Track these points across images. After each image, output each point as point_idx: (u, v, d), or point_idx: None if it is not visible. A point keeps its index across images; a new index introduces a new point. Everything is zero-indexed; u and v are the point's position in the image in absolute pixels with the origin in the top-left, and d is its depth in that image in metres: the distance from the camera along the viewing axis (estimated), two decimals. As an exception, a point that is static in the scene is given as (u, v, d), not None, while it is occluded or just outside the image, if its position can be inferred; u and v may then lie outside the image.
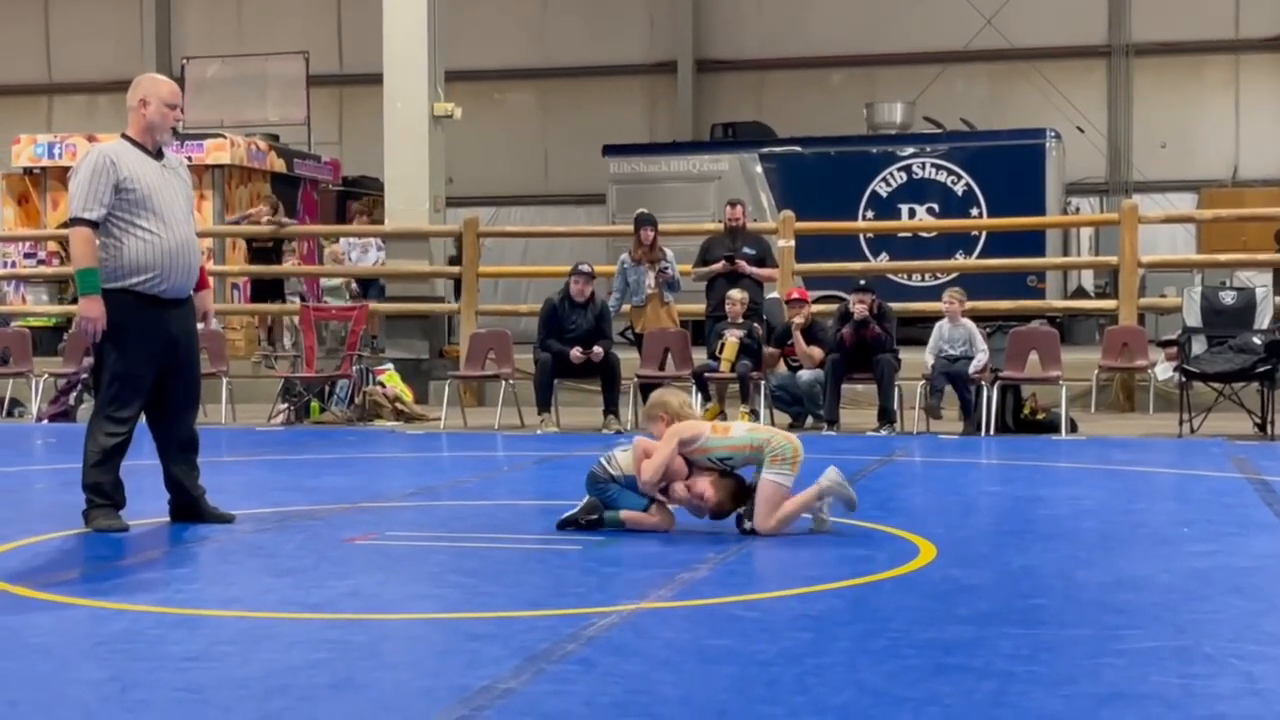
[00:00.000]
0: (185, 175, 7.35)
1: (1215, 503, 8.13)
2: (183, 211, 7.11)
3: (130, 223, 6.88)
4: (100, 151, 7.02)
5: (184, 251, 7.03)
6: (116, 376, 6.99)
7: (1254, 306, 12.70)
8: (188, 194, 7.24)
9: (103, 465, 7.00)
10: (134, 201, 6.88)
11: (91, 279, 6.85)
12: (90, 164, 6.93)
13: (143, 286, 6.93)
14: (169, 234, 6.96)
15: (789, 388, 13.27)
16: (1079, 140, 23.79)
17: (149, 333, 6.98)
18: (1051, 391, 13.01)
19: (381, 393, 14.54)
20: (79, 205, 6.88)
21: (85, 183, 6.86)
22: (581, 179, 25.40)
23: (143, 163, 6.98)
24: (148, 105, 7.02)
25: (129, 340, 6.95)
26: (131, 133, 7.08)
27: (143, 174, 6.94)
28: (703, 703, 3.97)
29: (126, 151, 7.00)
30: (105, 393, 7.03)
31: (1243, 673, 4.18)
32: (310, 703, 4.00)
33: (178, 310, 7.11)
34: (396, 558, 6.53)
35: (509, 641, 4.69)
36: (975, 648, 4.54)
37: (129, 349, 6.96)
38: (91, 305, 6.85)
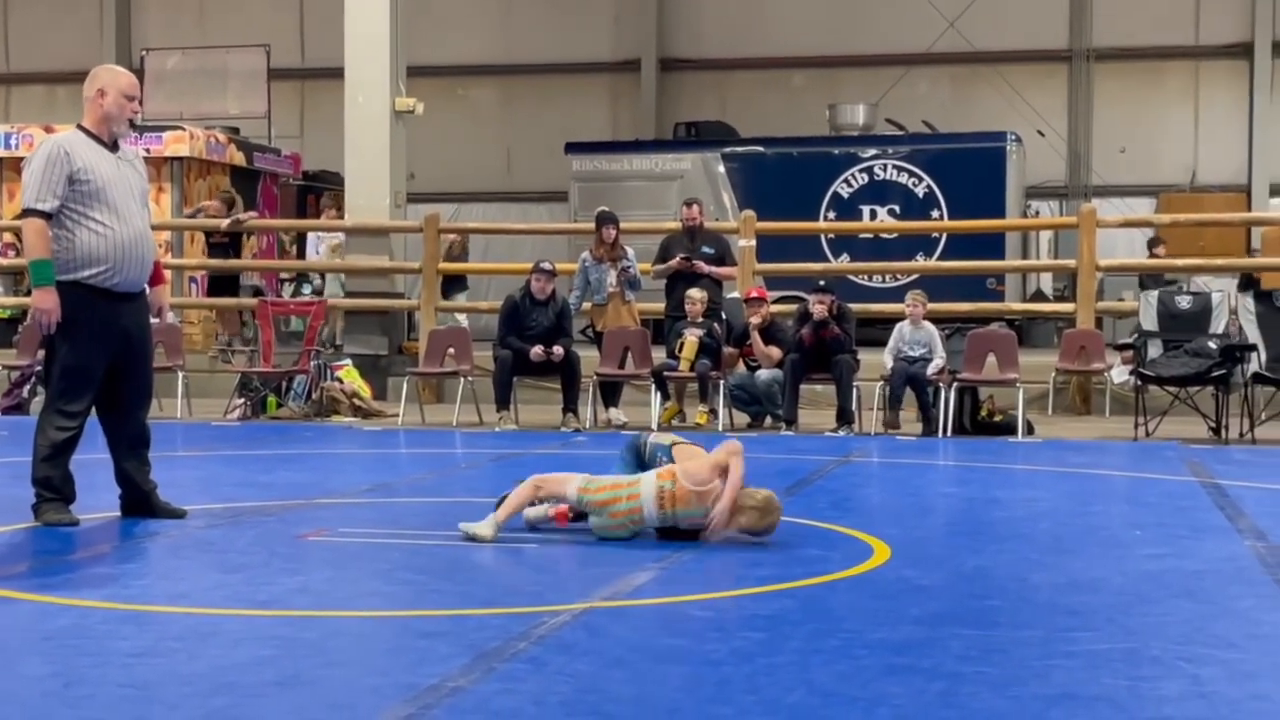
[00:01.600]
0: (140, 168, 7.27)
1: (1168, 506, 8.17)
2: (137, 205, 7.03)
3: (83, 215, 6.80)
4: (54, 142, 6.93)
5: (137, 245, 6.95)
6: (67, 370, 6.93)
7: (1210, 311, 12.77)
8: (143, 187, 7.16)
9: (52, 460, 6.94)
10: (87, 194, 6.80)
11: (45, 270, 6.77)
12: (44, 154, 6.84)
13: (95, 280, 6.84)
14: (122, 227, 6.88)
15: (748, 387, 13.27)
16: (1039, 144, 23.90)
17: (100, 327, 6.90)
18: (1009, 394, 13.06)
19: (339, 388, 14.47)
20: (32, 196, 6.78)
21: (38, 173, 6.78)
22: (544, 176, 25.35)
23: (97, 154, 6.90)
24: (105, 96, 6.94)
25: (80, 334, 6.86)
26: (87, 123, 6.99)
27: (97, 165, 6.86)
28: (653, 702, 3.95)
29: (81, 142, 6.91)
30: (55, 386, 6.96)
31: (1190, 675, 4.20)
32: (257, 700, 3.96)
33: (131, 304, 7.04)
34: (349, 554, 6.49)
35: (459, 640, 4.67)
36: (926, 648, 4.54)
37: (80, 343, 6.88)
38: (46, 297, 6.77)
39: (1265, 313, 12.52)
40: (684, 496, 6.45)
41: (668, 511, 6.48)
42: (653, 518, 6.49)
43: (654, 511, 6.48)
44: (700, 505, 6.44)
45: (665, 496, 6.47)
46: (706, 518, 6.41)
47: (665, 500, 6.47)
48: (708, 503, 6.42)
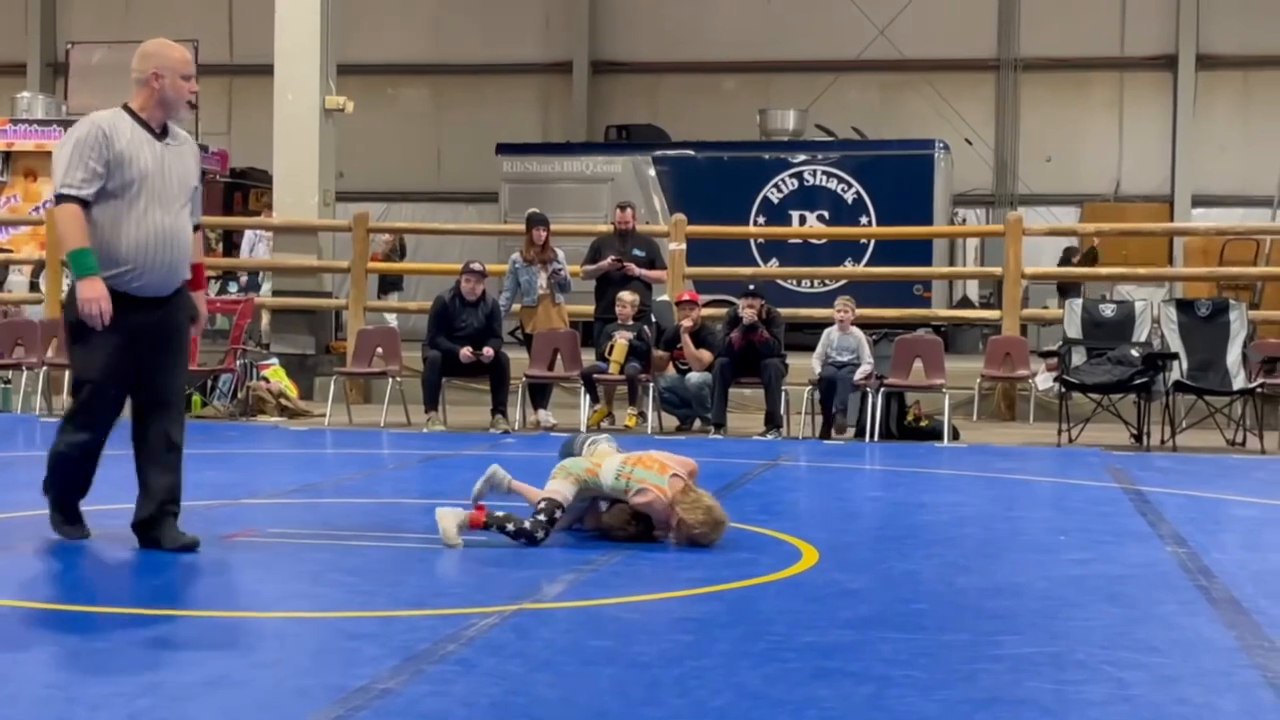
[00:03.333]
0: (192, 157, 6.39)
1: (1091, 511, 8.27)
2: (177, 199, 6.19)
3: (110, 208, 6.02)
4: (93, 123, 6.08)
5: (167, 245, 6.10)
6: (82, 383, 6.25)
7: (1133, 320, 12.94)
8: (191, 181, 6.30)
9: (59, 474, 6.37)
10: (121, 185, 6.00)
11: (87, 259, 5.95)
12: (79, 136, 6.03)
13: (114, 282, 6.02)
14: (153, 224, 6.06)
15: (677, 390, 13.29)
16: (967, 152, 24.12)
17: (119, 336, 6.05)
18: (935, 399, 13.17)
19: (265, 388, 14.35)
20: (64, 180, 5.98)
21: (71, 155, 6.00)
22: (474, 177, 25.26)
23: (141, 140, 6.08)
24: (162, 79, 6.12)
25: (94, 344, 6.08)
26: (136, 105, 6.16)
27: (138, 154, 6.04)
28: (582, 704, 3.95)
29: (125, 125, 6.09)
30: (74, 398, 6.33)
31: (1114, 679, 4.25)
32: (181, 702, 3.92)
33: (157, 310, 6.16)
34: (275, 555, 6.44)
35: (388, 641, 4.65)
36: (854, 651, 4.57)
37: (94, 353, 6.13)
38: (92, 285, 5.94)
39: (1187, 322, 12.71)
40: (647, 461, 6.63)
41: (626, 468, 6.59)
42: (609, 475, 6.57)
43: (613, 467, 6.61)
44: (659, 474, 6.53)
45: (629, 460, 6.65)
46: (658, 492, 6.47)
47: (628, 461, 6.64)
48: (665, 474, 6.51)
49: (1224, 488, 9.44)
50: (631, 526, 6.62)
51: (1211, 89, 24.98)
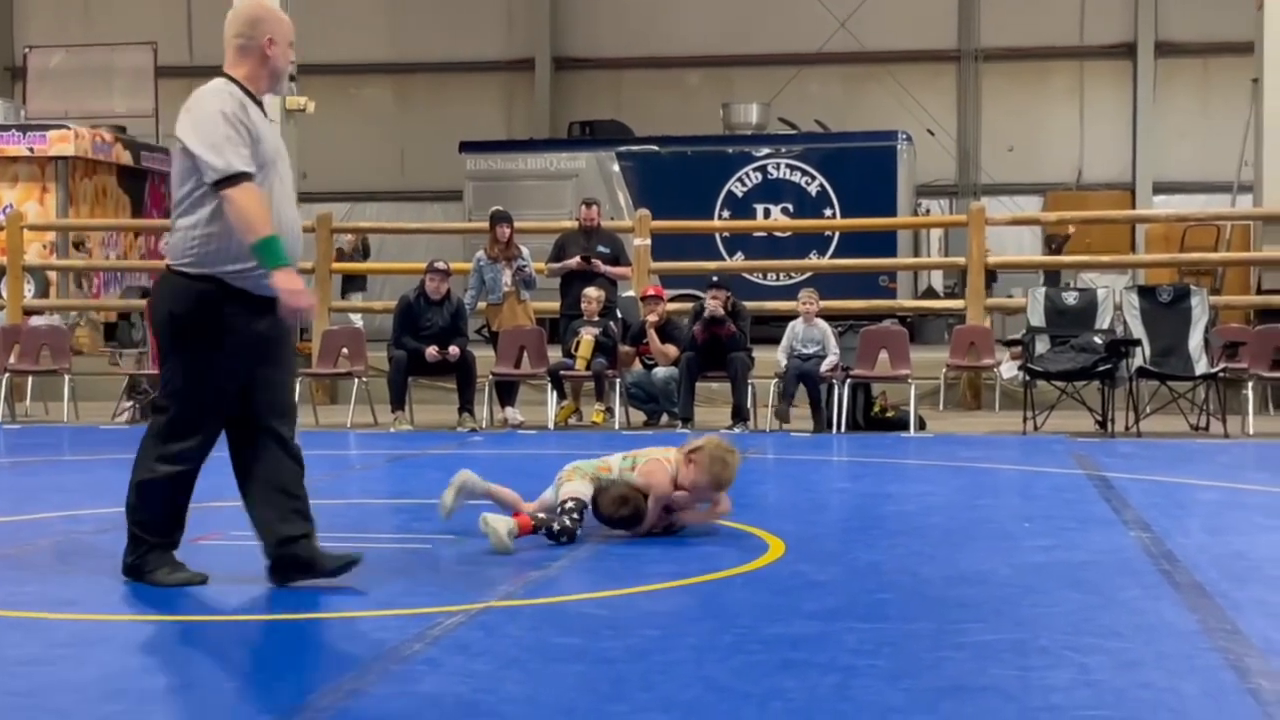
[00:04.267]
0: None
1: (1056, 498, 8.31)
2: (290, 184, 5.53)
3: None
4: (226, 93, 5.28)
5: (294, 236, 5.45)
6: (180, 394, 5.41)
7: (1095, 307, 13.01)
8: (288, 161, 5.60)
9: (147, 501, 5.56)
10: (256, 166, 5.23)
11: (281, 247, 5.18)
12: (221, 108, 5.21)
13: (236, 279, 5.26)
14: (281, 211, 5.32)
15: (644, 385, 13.30)
16: (929, 143, 24.22)
17: (233, 339, 5.32)
18: (901, 390, 13.21)
19: (231, 390, 14.28)
20: (226, 157, 5.11)
21: (224, 129, 5.15)
22: (438, 175, 25.23)
23: (259, 116, 5.35)
24: (274, 45, 5.42)
25: (204, 349, 5.32)
26: (240, 76, 5.38)
27: (265, 131, 5.33)
28: (549, 701, 3.96)
29: (246, 99, 5.34)
30: (168, 412, 5.46)
31: (1077, 664, 4.28)
32: (148, 706, 3.91)
33: (272, 313, 5.35)
34: (241, 558, 6.40)
35: (355, 641, 4.65)
36: (820, 643, 4.59)
37: (201, 360, 5.34)
38: (292, 278, 5.19)
39: (1149, 309, 12.78)
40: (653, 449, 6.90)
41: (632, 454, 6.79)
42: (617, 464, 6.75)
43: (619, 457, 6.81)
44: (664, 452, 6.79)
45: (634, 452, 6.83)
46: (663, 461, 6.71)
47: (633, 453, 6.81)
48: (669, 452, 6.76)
49: (1187, 472, 9.51)
50: (624, 508, 6.62)
51: (1171, 76, 25.17)
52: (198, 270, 5.26)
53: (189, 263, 5.28)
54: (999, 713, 3.81)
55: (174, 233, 5.37)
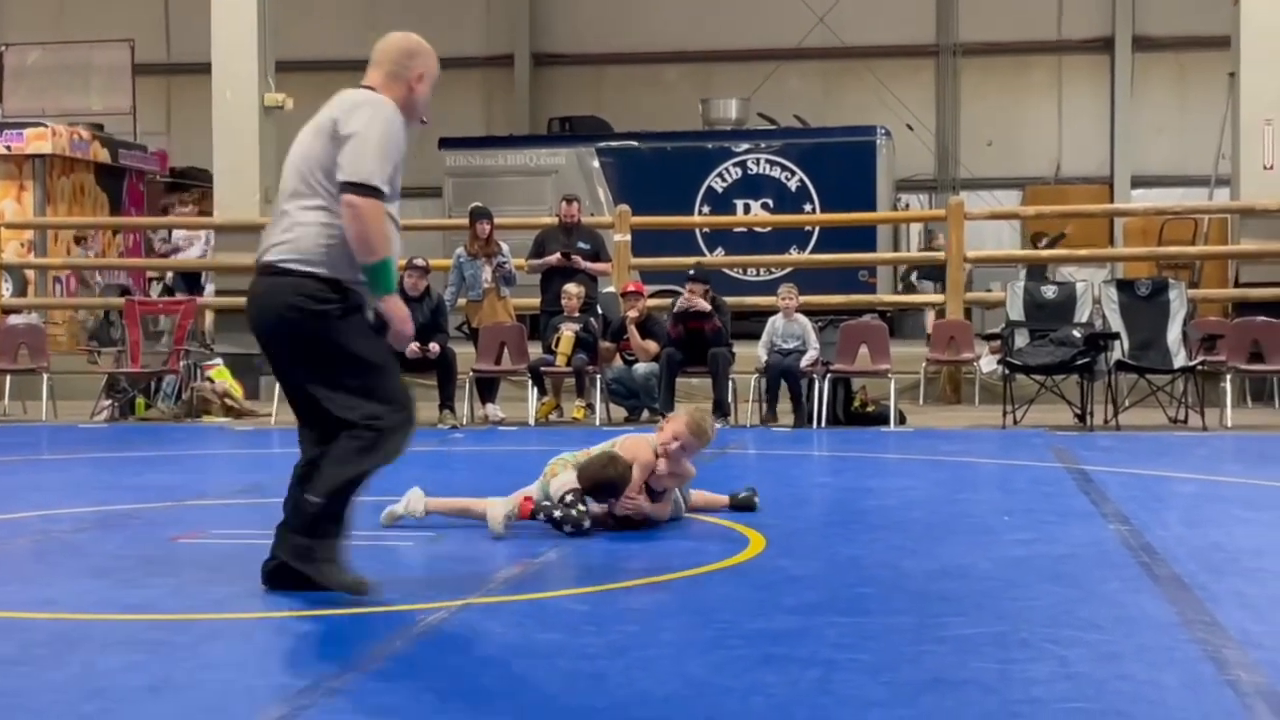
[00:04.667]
0: None
1: (1035, 492, 8.34)
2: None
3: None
4: (395, 110, 5.27)
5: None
6: (381, 398, 5.17)
7: (1074, 301, 13.05)
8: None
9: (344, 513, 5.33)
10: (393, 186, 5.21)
11: (392, 272, 5.13)
12: (389, 119, 5.17)
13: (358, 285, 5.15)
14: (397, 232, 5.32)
15: (625, 381, 13.30)
16: (908, 138, 24.25)
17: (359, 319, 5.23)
18: (881, 384, 13.23)
19: (210, 388, 14.26)
20: (371, 169, 5.00)
21: (383, 144, 5.09)
22: (417, 172, 24.95)
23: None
24: (422, 82, 5.41)
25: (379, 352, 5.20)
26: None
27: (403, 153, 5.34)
28: (529, 697, 3.96)
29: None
30: (372, 422, 5.13)
31: (1057, 657, 4.29)
32: (128, 706, 3.90)
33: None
34: (222, 556, 6.40)
35: (335, 639, 4.65)
36: (801, 637, 4.60)
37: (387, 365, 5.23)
38: (400, 303, 5.20)
39: (1128, 302, 12.82)
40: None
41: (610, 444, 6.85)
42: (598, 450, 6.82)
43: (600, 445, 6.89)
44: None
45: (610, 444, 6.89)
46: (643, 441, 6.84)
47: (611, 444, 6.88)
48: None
49: (1166, 465, 9.54)
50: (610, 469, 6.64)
51: (1148, 71, 25.24)
52: (326, 274, 5.03)
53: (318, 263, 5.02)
54: (980, 706, 3.82)
55: (296, 226, 5.12)
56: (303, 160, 5.19)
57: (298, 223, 5.14)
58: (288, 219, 5.17)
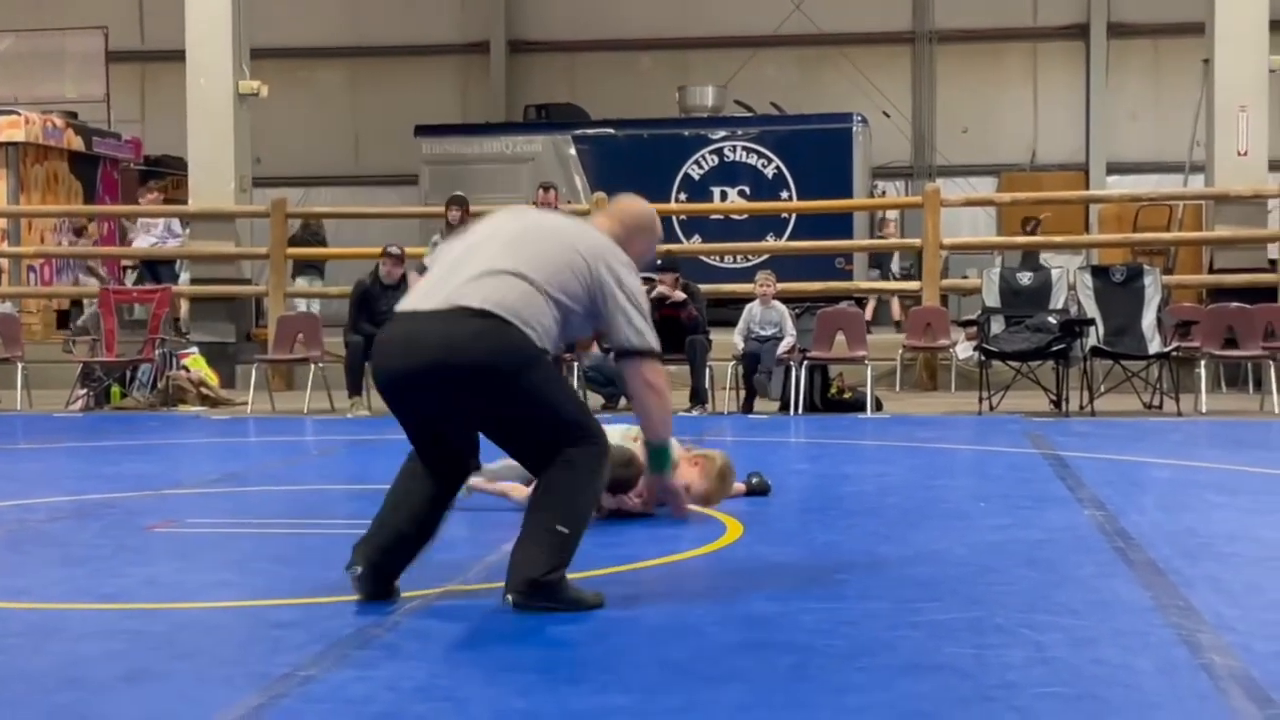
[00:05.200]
0: None
1: (1011, 478, 8.37)
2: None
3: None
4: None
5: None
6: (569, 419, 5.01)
7: (1050, 287, 13.10)
8: None
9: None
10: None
11: (670, 453, 5.28)
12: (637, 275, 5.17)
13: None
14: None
15: (602, 369, 13.30)
16: (885, 125, 24.25)
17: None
18: (857, 371, 13.26)
19: (186, 377, 14.22)
20: (650, 331, 5.06)
21: (643, 298, 5.10)
22: (393, 160, 25.07)
23: None
24: (639, 255, 5.28)
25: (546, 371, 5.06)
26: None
27: None
28: (508, 685, 3.95)
29: None
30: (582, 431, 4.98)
31: (1033, 642, 4.31)
32: (103, 695, 3.89)
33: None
34: (198, 545, 6.39)
35: (312, 628, 4.63)
36: (777, 623, 4.61)
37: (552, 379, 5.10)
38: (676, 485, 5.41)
39: (1103, 288, 12.87)
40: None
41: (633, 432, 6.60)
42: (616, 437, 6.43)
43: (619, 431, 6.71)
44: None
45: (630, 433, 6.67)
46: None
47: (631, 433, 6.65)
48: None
49: (1141, 450, 9.58)
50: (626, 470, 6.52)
51: (1123, 58, 25.28)
52: (537, 342, 4.87)
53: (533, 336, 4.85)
54: (955, 690, 3.83)
55: (524, 301, 4.88)
56: (542, 259, 4.96)
57: (520, 293, 4.89)
58: (500, 282, 4.90)
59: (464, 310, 4.83)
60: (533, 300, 4.87)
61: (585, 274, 4.97)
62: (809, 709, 3.72)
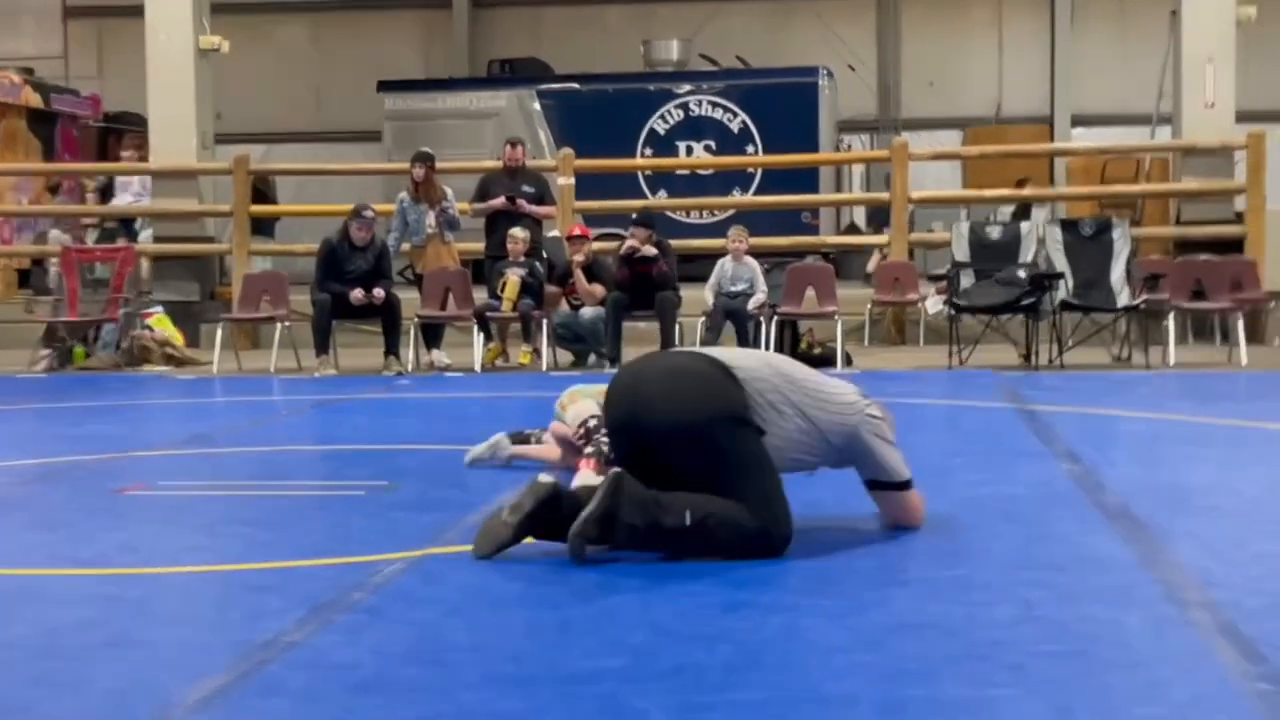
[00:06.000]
0: None
1: (985, 432, 8.37)
2: None
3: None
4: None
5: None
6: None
7: (1019, 241, 13.06)
8: None
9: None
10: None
11: None
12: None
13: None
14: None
15: (571, 325, 13.24)
16: (850, 79, 24.18)
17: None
18: (828, 326, 13.24)
19: (150, 336, 14.08)
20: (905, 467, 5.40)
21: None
22: (356, 116, 24.87)
23: None
24: None
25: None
26: None
27: None
28: (495, 649, 3.91)
29: None
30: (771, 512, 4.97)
31: (1020, 599, 4.29)
32: (83, 663, 3.82)
33: None
34: (170, 508, 6.32)
35: (292, 592, 4.57)
36: (764, 583, 4.58)
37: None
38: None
39: (1072, 242, 12.86)
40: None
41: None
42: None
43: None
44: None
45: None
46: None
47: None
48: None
49: (1112, 403, 9.59)
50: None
51: (1087, 9, 25.27)
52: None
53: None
54: (944, 649, 3.81)
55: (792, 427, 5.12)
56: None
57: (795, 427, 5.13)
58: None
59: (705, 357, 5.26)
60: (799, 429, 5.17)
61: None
62: (800, 670, 3.70)
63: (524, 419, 7.68)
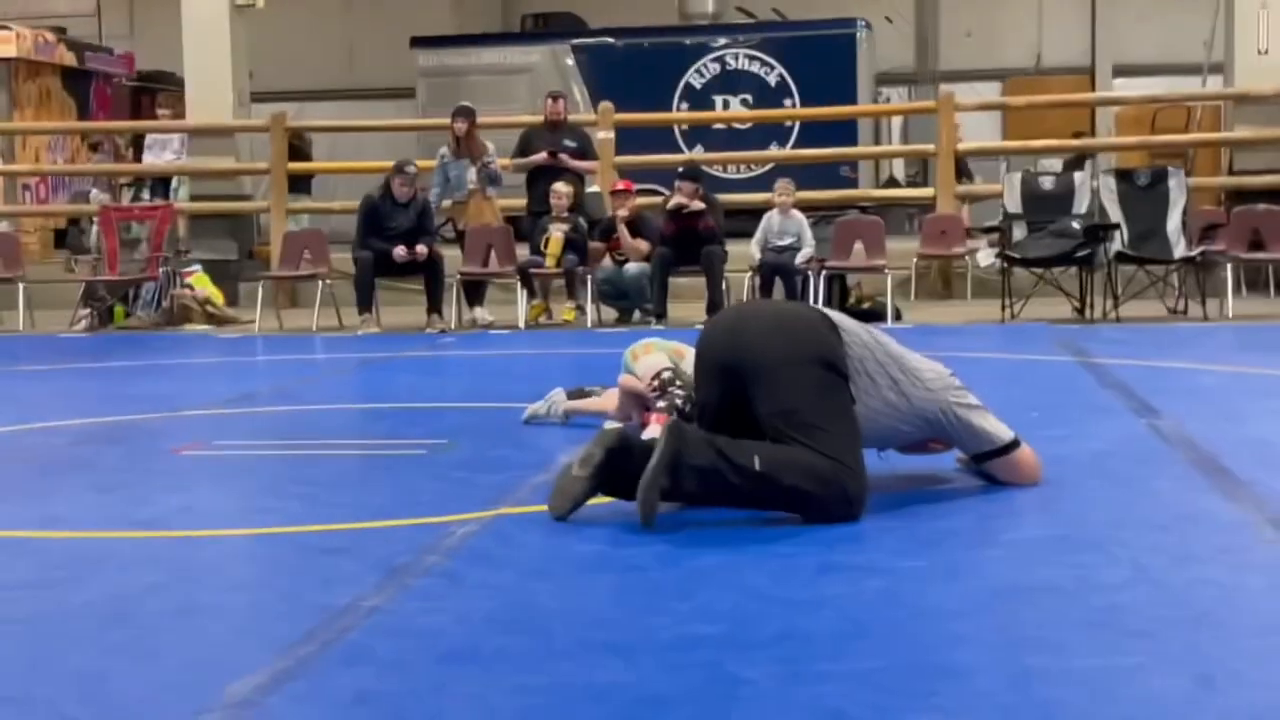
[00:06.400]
0: None
1: (1055, 387, 8.17)
2: None
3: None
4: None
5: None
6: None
7: (1073, 192, 12.80)
8: None
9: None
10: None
11: None
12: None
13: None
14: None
15: (615, 281, 13.05)
16: (887, 30, 23.78)
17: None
18: (876, 280, 13.02)
19: (190, 295, 13.94)
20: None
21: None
22: (389, 72, 24.61)
23: None
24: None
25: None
26: None
27: None
28: (584, 613, 3.73)
29: None
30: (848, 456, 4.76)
31: (1130, 561, 4.09)
32: (158, 633, 3.65)
33: None
34: (229, 468, 6.17)
35: (364, 555, 4.40)
36: (857, 544, 4.39)
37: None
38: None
39: (1126, 192, 12.59)
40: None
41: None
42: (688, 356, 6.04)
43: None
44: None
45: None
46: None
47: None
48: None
49: (1177, 356, 9.36)
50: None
51: (1130, -43, 24.82)
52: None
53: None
54: (1062, 614, 3.59)
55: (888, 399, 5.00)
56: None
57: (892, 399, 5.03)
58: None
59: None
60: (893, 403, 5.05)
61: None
62: (912, 637, 3.49)
63: (570, 377, 7.52)
